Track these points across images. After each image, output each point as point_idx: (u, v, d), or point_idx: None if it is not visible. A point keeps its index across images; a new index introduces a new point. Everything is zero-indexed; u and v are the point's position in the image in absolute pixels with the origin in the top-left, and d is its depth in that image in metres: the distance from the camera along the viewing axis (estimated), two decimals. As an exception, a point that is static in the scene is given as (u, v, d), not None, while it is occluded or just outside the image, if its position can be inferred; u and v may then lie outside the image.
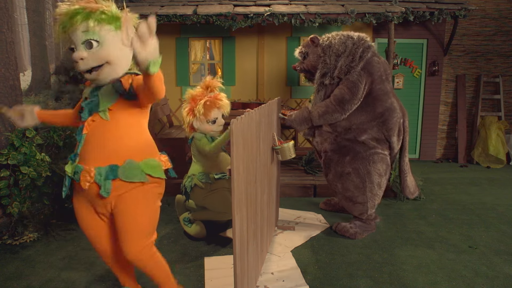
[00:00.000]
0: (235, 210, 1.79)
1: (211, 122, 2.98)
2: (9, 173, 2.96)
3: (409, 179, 3.26)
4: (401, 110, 3.12)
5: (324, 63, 3.17)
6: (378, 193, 3.16)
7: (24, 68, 3.96)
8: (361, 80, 3.01)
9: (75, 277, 2.54)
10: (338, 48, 3.12)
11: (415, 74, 6.06)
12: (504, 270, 2.67)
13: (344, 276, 2.58)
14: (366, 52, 3.06)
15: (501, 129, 5.94)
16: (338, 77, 3.11)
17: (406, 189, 3.26)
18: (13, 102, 3.16)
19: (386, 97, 3.06)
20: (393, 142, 3.11)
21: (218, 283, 2.47)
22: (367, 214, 3.21)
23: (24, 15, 3.36)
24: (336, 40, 3.17)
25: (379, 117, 3.06)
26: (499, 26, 6.03)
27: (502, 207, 4.00)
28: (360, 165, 3.08)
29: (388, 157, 3.16)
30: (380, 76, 3.06)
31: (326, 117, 3.11)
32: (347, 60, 3.06)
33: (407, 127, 3.15)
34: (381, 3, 5.02)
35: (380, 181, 3.13)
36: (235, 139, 1.75)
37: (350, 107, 3.04)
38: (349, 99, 3.01)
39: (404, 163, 3.22)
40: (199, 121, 2.98)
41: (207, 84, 3.02)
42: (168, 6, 4.99)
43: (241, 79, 5.96)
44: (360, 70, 3.03)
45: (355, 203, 3.17)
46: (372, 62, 3.06)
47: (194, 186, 3.02)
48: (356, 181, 3.11)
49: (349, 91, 3.01)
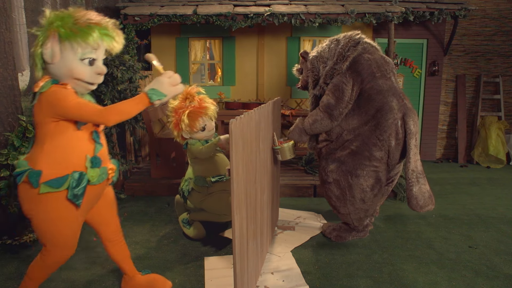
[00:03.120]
0: (234, 210, 1.79)
1: (200, 130, 2.92)
2: (9, 173, 2.95)
3: (416, 189, 2.77)
4: (402, 110, 2.78)
5: (313, 75, 3.05)
6: (361, 207, 2.92)
7: (22, 68, 3.91)
8: (346, 81, 2.81)
9: (75, 277, 2.54)
10: (324, 55, 3.01)
11: (415, 74, 6.06)
12: (504, 270, 2.67)
13: (344, 276, 2.58)
14: (352, 50, 2.86)
15: (501, 129, 5.94)
16: (325, 83, 2.95)
17: (412, 201, 2.77)
18: (11, 102, 3.15)
19: (380, 97, 2.78)
20: (390, 147, 2.80)
21: (218, 283, 2.47)
22: (354, 225, 3.06)
23: (22, 15, 3.34)
24: (323, 47, 3.05)
25: (371, 120, 2.80)
26: (499, 26, 6.03)
27: (502, 207, 4.00)
28: (341, 177, 2.88)
29: (380, 171, 2.86)
30: (372, 73, 2.81)
31: (316, 126, 2.96)
32: (331, 63, 2.91)
33: (410, 129, 2.77)
34: (381, 3, 5.02)
35: (363, 197, 2.88)
36: (235, 139, 1.74)
37: (338, 112, 2.85)
38: (335, 104, 2.83)
39: (409, 171, 2.75)
40: (188, 133, 2.92)
41: (184, 95, 2.90)
42: (168, 6, 4.99)
43: (241, 79, 5.96)
44: (345, 70, 2.84)
45: (339, 212, 3.04)
46: (360, 60, 2.84)
47: (192, 190, 3.02)
48: (336, 192, 2.94)
49: (332, 96, 2.84)
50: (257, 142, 2.30)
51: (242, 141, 1.89)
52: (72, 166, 1.83)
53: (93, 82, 1.86)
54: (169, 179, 4.31)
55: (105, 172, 1.97)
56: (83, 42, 1.73)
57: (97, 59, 1.83)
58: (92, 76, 1.83)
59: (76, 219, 1.94)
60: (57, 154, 1.81)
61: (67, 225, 1.91)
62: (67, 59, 1.76)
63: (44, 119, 1.78)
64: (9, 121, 3.09)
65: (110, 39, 1.81)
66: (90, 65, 1.81)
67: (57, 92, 1.75)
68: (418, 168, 2.80)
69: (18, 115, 3.19)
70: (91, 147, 1.91)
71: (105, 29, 1.78)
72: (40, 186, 1.78)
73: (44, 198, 1.81)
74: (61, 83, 1.80)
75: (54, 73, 1.80)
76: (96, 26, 1.75)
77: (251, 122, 2.11)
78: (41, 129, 1.81)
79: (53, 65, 1.78)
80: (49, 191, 1.79)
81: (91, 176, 1.88)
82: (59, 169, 1.81)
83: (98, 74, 1.84)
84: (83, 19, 1.74)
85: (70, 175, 1.83)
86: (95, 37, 1.74)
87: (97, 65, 1.83)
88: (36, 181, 1.78)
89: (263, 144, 2.52)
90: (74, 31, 1.71)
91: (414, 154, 2.78)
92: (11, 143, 2.99)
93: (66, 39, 1.72)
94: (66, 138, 1.82)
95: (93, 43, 1.75)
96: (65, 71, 1.78)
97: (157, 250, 2.94)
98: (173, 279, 2.50)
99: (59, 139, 1.81)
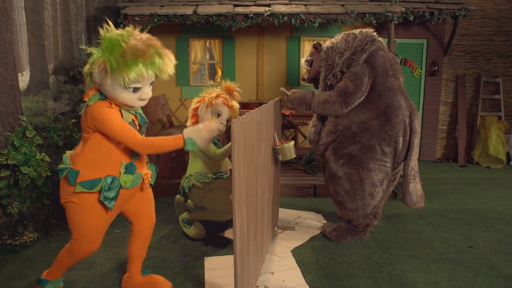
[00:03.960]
0: (236, 210, 1.79)
1: (216, 115, 2.96)
2: (9, 173, 2.95)
3: (412, 186, 2.93)
4: (409, 108, 2.89)
5: (327, 65, 3.07)
6: (370, 202, 2.95)
7: (22, 68, 3.93)
8: (364, 72, 2.85)
9: (75, 277, 2.54)
10: (340, 46, 3.03)
11: (415, 74, 6.06)
12: (504, 270, 2.67)
13: (344, 276, 2.58)
14: (370, 44, 2.91)
15: (501, 129, 5.94)
16: (341, 71, 2.97)
17: (407, 197, 2.93)
18: (11, 102, 3.15)
19: (390, 94, 2.86)
20: (398, 143, 2.88)
21: (218, 283, 2.47)
22: (358, 222, 3.07)
23: (22, 15, 3.34)
24: (338, 40, 3.09)
25: (381, 115, 2.86)
26: (499, 26, 6.03)
27: (502, 207, 4.01)
28: (353, 170, 2.89)
29: (389, 166, 2.92)
30: (385, 70, 2.89)
31: (325, 106, 2.95)
32: (349, 53, 2.94)
33: (415, 128, 2.88)
34: (381, 3, 5.02)
35: (372, 191, 2.91)
36: (236, 139, 1.74)
37: (352, 101, 2.86)
38: (353, 91, 2.85)
39: (409, 167, 2.90)
40: (205, 108, 2.97)
41: (228, 86, 3.10)
42: (168, 6, 4.99)
43: (241, 79, 5.95)
44: (362, 62, 2.88)
45: (345, 208, 3.04)
46: (376, 55, 2.91)
47: (192, 187, 3.02)
48: (346, 186, 2.94)
49: (352, 84, 2.85)
50: (258, 142, 2.30)
51: (243, 141, 1.89)
52: (106, 171, 1.98)
53: (137, 106, 2.02)
54: (169, 179, 4.31)
55: (140, 177, 2.10)
56: (126, 77, 1.82)
57: (142, 87, 1.95)
58: (135, 102, 1.97)
59: (104, 219, 2.06)
60: (95, 157, 1.97)
61: (94, 224, 2.04)
62: (113, 86, 1.89)
63: (86, 127, 1.97)
64: (9, 121, 3.09)
65: (156, 67, 1.88)
66: (134, 93, 1.93)
67: (103, 111, 1.90)
68: (416, 167, 2.93)
69: (18, 115, 3.19)
70: (128, 154, 2.04)
71: (150, 61, 1.84)
72: (76, 185, 1.95)
73: (78, 196, 1.98)
74: (108, 100, 1.95)
75: (102, 90, 1.95)
76: (141, 60, 1.81)
77: (253, 122, 2.11)
78: (85, 133, 2.00)
79: (101, 85, 1.92)
80: (83, 190, 1.95)
81: (124, 181, 2.01)
82: (94, 171, 1.96)
83: (141, 100, 1.98)
84: (130, 51, 1.79)
85: (104, 178, 1.96)
86: (139, 70, 1.82)
87: (142, 91, 1.96)
88: (73, 180, 1.95)
89: (264, 144, 2.52)
90: (120, 66, 1.79)
91: (415, 153, 2.91)
92: (11, 143, 2.99)
93: (113, 71, 1.82)
94: (105, 144, 1.97)
95: (136, 77, 1.83)
96: (111, 95, 1.93)
97: (157, 250, 2.94)
98: (173, 279, 2.50)
99: (98, 144, 1.97)
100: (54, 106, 3.94)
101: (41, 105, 3.70)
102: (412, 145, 2.89)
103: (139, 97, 1.96)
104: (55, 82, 4.01)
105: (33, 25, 3.68)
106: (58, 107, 4.00)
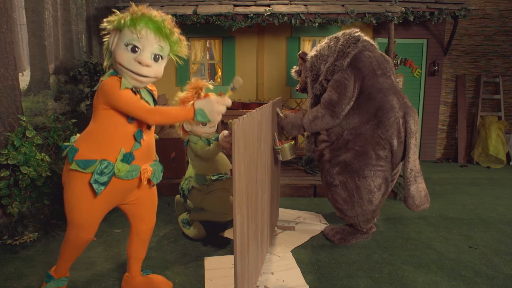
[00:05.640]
0: (236, 210, 1.79)
1: (202, 124, 2.89)
2: (9, 173, 2.96)
3: (413, 188, 2.80)
4: (402, 108, 2.78)
5: (312, 74, 3.01)
6: (370, 208, 2.88)
7: (23, 68, 3.92)
8: (348, 77, 2.76)
9: (75, 277, 2.54)
10: (323, 53, 2.96)
11: (415, 74, 6.06)
12: (504, 270, 2.68)
13: (344, 276, 2.58)
14: (352, 47, 2.82)
15: (501, 129, 5.94)
16: (326, 79, 2.90)
17: (409, 200, 2.80)
18: (11, 102, 3.16)
19: (381, 95, 2.76)
20: (393, 145, 2.79)
21: (218, 283, 2.47)
22: (360, 227, 3.02)
23: (23, 15, 3.34)
24: (322, 45, 3.02)
25: (373, 118, 2.77)
26: (499, 26, 6.04)
27: (502, 207, 4.01)
28: (348, 178, 2.82)
29: (386, 169, 2.83)
30: (373, 71, 2.79)
31: (317, 123, 2.89)
32: (332, 59, 2.86)
33: (411, 128, 2.76)
34: (381, 3, 5.02)
35: (370, 198, 2.83)
36: (237, 139, 1.75)
37: (340, 109, 2.79)
38: (338, 100, 2.77)
39: (407, 170, 2.79)
40: (189, 124, 2.92)
41: (193, 85, 2.88)
42: (168, 6, 4.99)
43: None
44: (346, 67, 2.79)
45: (346, 215, 2.99)
46: (361, 57, 2.81)
47: (192, 189, 3.02)
48: (343, 195, 2.88)
49: (335, 92, 2.77)
50: (259, 142, 2.30)
51: (244, 141, 1.89)
52: (104, 154, 1.94)
53: (135, 71, 1.90)
54: (169, 179, 4.31)
55: (137, 170, 2.02)
56: (129, 30, 1.84)
57: (141, 48, 1.88)
58: (131, 63, 1.88)
59: (93, 204, 2.00)
60: (97, 138, 1.95)
61: (84, 207, 1.99)
62: (116, 45, 1.90)
63: (97, 104, 1.93)
64: (9, 121, 3.10)
65: (158, 32, 1.87)
66: (131, 52, 1.88)
67: (113, 84, 1.87)
68: (416, 167, 2.82)
69: (18, 115, 3.19)
70: (130, 143, 1.99)
71: (154, 22, 1.86)
72: (72, 162, 1.93)
73: (72, 174, 1.96)
74: (119, 76, 1.93)
75: (115, 67, 1.95)
76: (144, 18, 1.84)
77: (253, 123, 2.11)
78: (94, 112, 1.97)
79: (113, 54, 1.92)
80: (76, 169, 1.92)
81: (118, 169, 1.96)
82: (92, 152, 1.94)
83: (139, 63, 1.88)
84: (140, 11, 1.85)
85: (99, 161, 1.93)
86: (141, 25, 1.83)
87: (140, 54, 1.88)
88: (71, 157, 1.94)
89: (265, 144, 2.52)
90: (126, 21, 1.84)
91: (413, 153, 2.80)
92: (11, 143, 2.99)
93: (120, 29, 1.87)
94: (109, 127, 1.94)
95: (137, 31, 1.83)
96: (116, 57, 1.90)
97: (157, 250, 2.94)
98: (173, 279, 2.50)
99: (103, 126, 1.94)
100: (55, 106, 3.94)
101: (42, 105, 3.71)
102: (408, 146, 2.79)
103: (136, 58, 1.88)
104: (55, 82, 4.02)
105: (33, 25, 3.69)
106: (58, 107, 4.00)
